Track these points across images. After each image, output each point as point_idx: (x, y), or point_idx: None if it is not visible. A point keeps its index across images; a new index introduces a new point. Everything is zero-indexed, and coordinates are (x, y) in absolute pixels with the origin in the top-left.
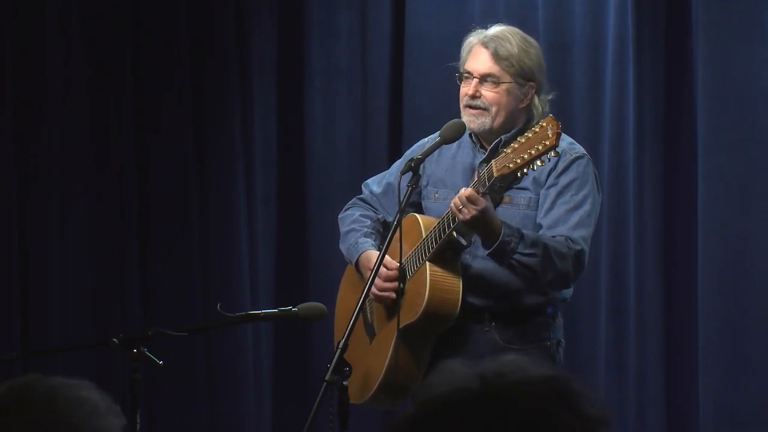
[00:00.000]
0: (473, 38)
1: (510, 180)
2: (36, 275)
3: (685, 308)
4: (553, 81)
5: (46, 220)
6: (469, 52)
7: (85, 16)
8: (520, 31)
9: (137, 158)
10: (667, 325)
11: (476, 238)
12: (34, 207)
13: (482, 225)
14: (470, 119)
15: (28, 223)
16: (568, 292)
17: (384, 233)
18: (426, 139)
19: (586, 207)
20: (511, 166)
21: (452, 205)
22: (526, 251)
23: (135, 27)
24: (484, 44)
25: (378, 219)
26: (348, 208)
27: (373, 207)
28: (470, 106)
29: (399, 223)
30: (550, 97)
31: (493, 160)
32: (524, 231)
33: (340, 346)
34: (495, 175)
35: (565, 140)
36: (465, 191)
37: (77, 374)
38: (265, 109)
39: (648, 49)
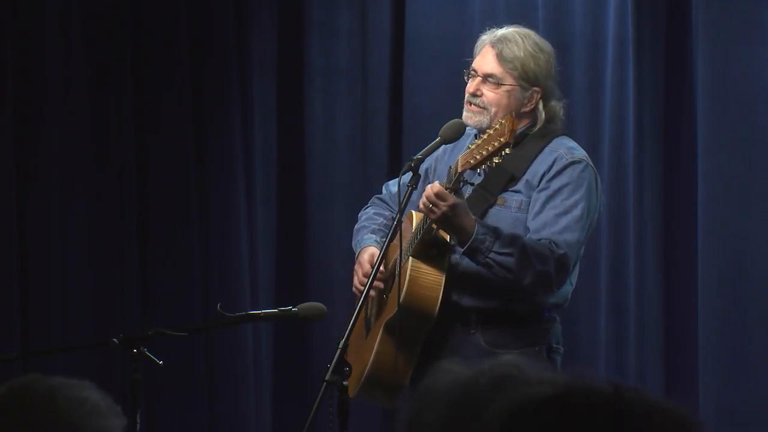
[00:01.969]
0: (486, 37)
1: (507, 180)
2: (36, 275)
3: (685, 308)
4: None
5: (46, 220)
6: (479, 50)
7: (85, 16)
8: (534, 35)
9: (137, 158)
10: (667, 325)
11: None
12: (34, 207)
13: (453, 223)
14: (468, 115)
15: (28, 223)
16: (565, 297)
17: None
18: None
19: (576, 212)
20: (471, 161)
21: (420, 204)
22: (502, 250)
23: (135, 27)
24: (492, 44)
25: (393, 217)
26: (366, 207)
27: (389, 206)
28: (470, 103)
29: (398, 223)
30: (562, 103)
31: (460, 156)
32: (502, 231)
33: (340, 346)
34: (459, 170)
35: (566, 144)
36: (432, 188)
37: (77, 374)
38: (265, 109)
39: (648, 49)
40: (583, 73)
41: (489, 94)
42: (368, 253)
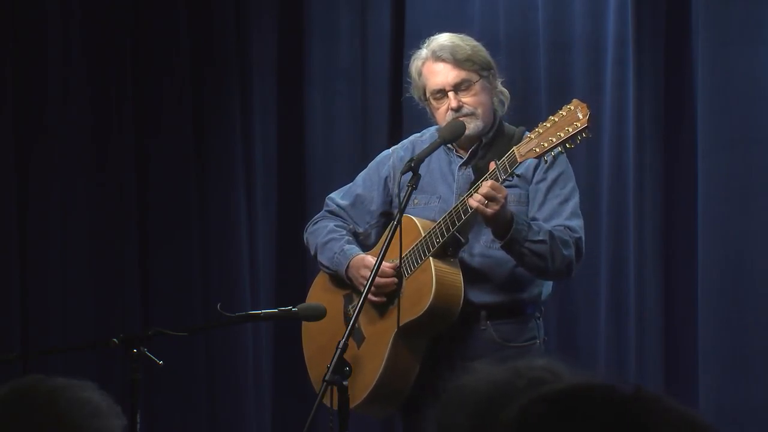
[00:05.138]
0: (418, 62)
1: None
2: (36, 276)
3: (685, 308)
4: (553, 81)
5: (46, 220)
6: (423, 74)
7: (85, 16)
8: (451, 34)
9: (137, 158)
10: (667, 325)
11: (473, 236)
12: (34, 207)
13: (502, 216)
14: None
15: (28, 223)
16: (548, 291)
17: (364, 242)
18: (388, 150)
19: (575, 199)
20: (537, 150)
21: (474, 202)
22: (537, 239)
23: (135, 27)
24: (438, 58)
25: (350, 229)
26: (317, 222)
27: (342, 219)
28: (457, 117)
29: (399, 223)
30: (502, 80)
31: (514, 147)
32: (531, 220)
33: (340, 346)
34: (519, 160)
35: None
36: (487, 185)
37: (77, 374)
38: (265, 109)
39: (648, 49)
40: (583, 73)
41: (467, 98)
42: (367, 261)
